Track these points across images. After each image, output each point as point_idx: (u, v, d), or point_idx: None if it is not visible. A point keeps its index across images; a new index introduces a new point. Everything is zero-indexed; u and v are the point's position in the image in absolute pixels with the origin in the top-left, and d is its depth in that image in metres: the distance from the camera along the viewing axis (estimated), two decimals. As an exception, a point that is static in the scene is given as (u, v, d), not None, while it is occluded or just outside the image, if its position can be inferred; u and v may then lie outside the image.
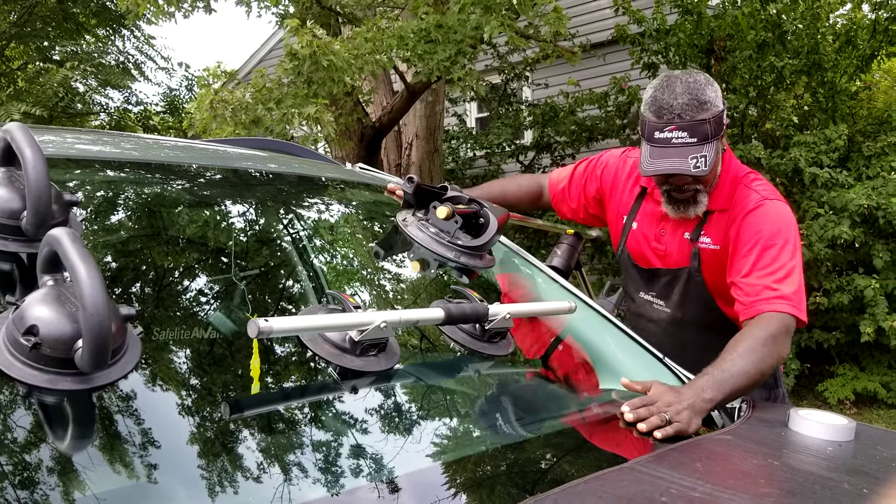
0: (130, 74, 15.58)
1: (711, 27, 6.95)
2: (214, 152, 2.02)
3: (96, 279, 0.93)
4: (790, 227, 2.01)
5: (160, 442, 1.01)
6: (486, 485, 1.12)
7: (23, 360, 0.96)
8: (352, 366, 1.21)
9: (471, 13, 5.31)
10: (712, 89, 1.97)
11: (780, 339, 1.83)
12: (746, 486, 1.10)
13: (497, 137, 9.13)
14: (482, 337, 1.46)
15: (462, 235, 1.78)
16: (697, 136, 1.93)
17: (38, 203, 1.12)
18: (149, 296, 1.30)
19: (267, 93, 4.95)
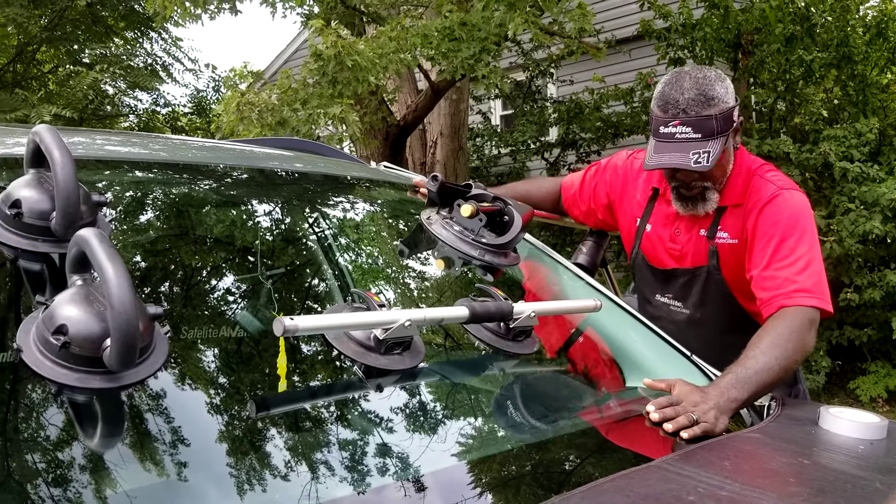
0: (158, 76, 15.75)
1: (739, 21, 6.87)
2: (240, 152, 2.04)
3: (124, 279, 0.94)
4: (807, 216, 1.99)
5: (188, 440, 1.02)
6: (512, 484, 1.12)
7: (53, 358, 0.97)
8: (376, 364, 1.22)
9: (495, 10, 5.29)
10: (722, 85, 1.94)
11: (804, 333, 1.81)
12: (775, 484, 1.08)
13: (522, 135, 9.10)
14: (507, 335, 1.45)
15: (486, 233, 1.77)
16: (702, 131, 1.91)
17: (67, 204, 1.13)
18: (176, 295, 1.31)
19: (293, 94, 4.98)
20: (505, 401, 1.40)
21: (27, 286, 1.16)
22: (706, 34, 6.93)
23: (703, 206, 2.05)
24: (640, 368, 1.83)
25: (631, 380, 1.76)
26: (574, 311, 1.72)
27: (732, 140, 2.01)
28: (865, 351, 6.85)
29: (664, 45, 7.43)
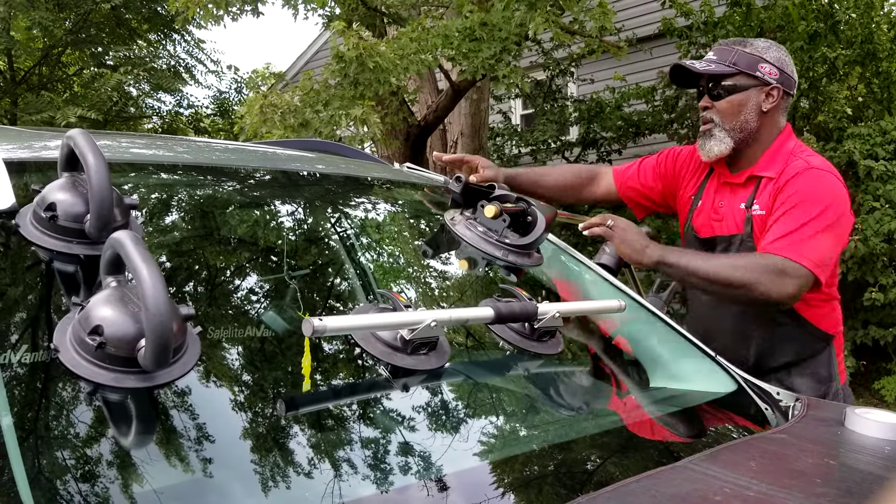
0: (181, 78, 15.88)
1: (761, 18, 6.83)
2: (263, 154, 2.06)
3: (158, 280, 0.96)
4: (830, 196, 2.00)
5: (218, 437, 1.04)
6: (536, 484, 1.13)
7: (89, 359, 0.99)
8: (403, 364, 1.23)
9: (515, 10, 5.30)
10: (767, 45, 2.12)
11: (763, 273, 1.90)
12: (802, 485, 1.09)
13: (542, 134, 9.09)
14: (531, 336, 1.46)
15: (510, 234, 1.78)
16: (719, 55, 2.12)
17: (101, 207, 1.16)
18: (204, 295, 1.33)
19: (314, 95, 5.01)
20: (529, 401, 1.41)
21: (62, 287, 1.19)
22: (728, 32, 6.88)
23: (711, 144, 2.14)
24: (663, 368, 1.83)
25: (655, 380, 1.76)
26: (598, 312, 1.73)
27: (761, 98, 2.09)
28: (890, 351, 6.78)
29: (686, 44, 7.39)
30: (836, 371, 2.18)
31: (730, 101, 2.09)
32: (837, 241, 2.00)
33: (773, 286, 1.90)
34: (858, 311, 6.56)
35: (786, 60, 2.11)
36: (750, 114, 2.09)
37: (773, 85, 2.07)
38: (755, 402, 1.71)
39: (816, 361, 2.15)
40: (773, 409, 1.70)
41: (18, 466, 0.87)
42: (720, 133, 2.12)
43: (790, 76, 2.11)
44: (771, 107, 2.09)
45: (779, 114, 2.13)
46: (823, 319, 2.14)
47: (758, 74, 2.06)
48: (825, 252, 1.96)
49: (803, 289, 1.94)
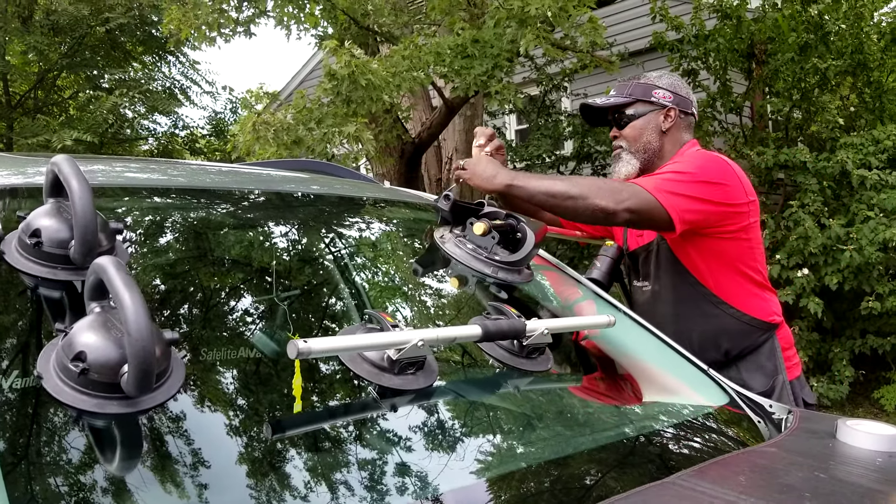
0: (177, 99, 15.95)
1: (751, 31, 6.87)
2: (254, 176, 2.06)
3: (140, 306, 0.96)
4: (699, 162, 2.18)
5: (204, 463, 1.03)
6: (526, 502, 1.12)
7: (72, 385, 0.99)
8: (390, 384, 1.23)
9: (507, 27, 5.32)
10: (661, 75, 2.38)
11: (601, 185, 2.05)
12: (791, 500, 1.08)
13: (537, 149, 9.11)
14: (520, 353, 1.46)
15: (499, 251, 1.78)
16: (618, 90, 2.38)
17: (85, 232, 1.16)
18: (192, 319, 1.33)
19: (307, 113, 5.03)
20: (519, 418, 1.40)
21: (47, 314, 1.19)
22: (719, 45, 6.93)
23: (619, 166, 2.35)
24: (655, 382, 1.83)
25: (647, 394, 1.76)
26: (588, 328, 1.72)
27: (659, 120, 2.32)
28: (889, 360, 6.77)
29: (677, 57, 7.43)
30: (780, 363, 2.23)
31: (632, 126, 2.33)
32: (700, 195, 2.09)
33: (611, 198, 2.02)
34: (856, 321, 6.57)
35: (678, 84, 2.36)
36: (651, 135, 2.32)
37: (669, 107, 2.31)
38: (747, 414, 1.71)
39: (759, 354, 2.23)
40: (765, 421, 1.70)
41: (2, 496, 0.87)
42: (626, 156, 2.34)
43: (685, 97, 2.35)
44: (670, 126, 2.32)
45: (680, 131, 2.34)
46: (759, 308, 2.23)
47: (653, 99, 2.32)
48: (678, 194, 2.06)
49: (644, 212, 2.04)
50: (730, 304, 2.22)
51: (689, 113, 2.36)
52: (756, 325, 2.23)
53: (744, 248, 2.21)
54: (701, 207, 2.09)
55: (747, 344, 2.23)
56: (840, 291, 6.20)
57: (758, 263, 2.25)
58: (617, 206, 2.01)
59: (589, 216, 2.07)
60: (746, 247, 2.21)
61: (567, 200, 2.03)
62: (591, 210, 2.02)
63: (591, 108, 2.41)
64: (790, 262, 6.12)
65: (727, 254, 2.19)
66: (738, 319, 2.22)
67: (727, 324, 2.22)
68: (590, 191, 2.01)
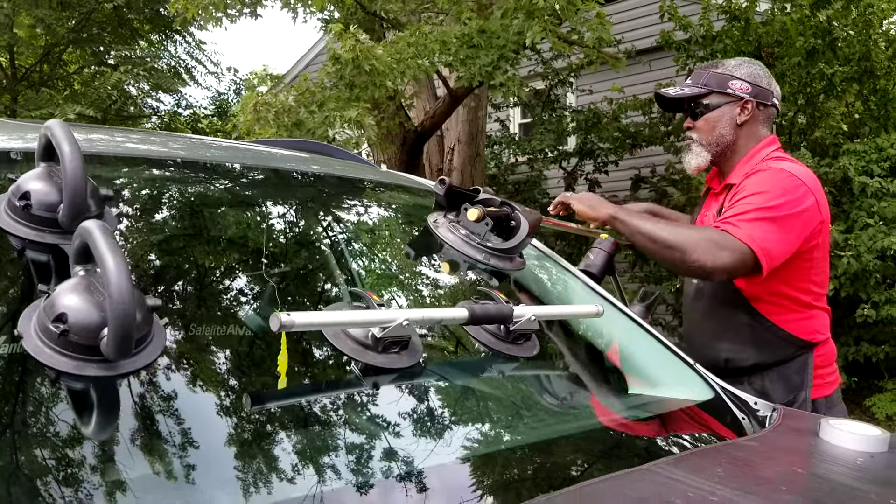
0: (181, 79, 15.92)
1: (759, 33, 6.85)
2: (252, 152, 2.06)
3: (123, 270, 0.96)
4: (783, 190, 2.06)
5: (180, 431, 1.03)
6: (500, 483, 1.12)
7: (51, 346, 0.99)
8: (374, 362, 1.22)
9: (514, 18, 5.31)
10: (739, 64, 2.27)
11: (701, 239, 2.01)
12: (767, 492, 1.08)
13: (540, 143, 9.10)
14: (507, 338, 1.46)
15: (492, 237, 1.78)
16: (692, 79, 2.30)
17: (74, 196, 1.15)
18: (179, 289, 1.33)
19: (310, 96, 5.02)
20: (499, 402, 1.41)
21: (34, 276, 1.19)
22: (726, 46, 6.90)
23: (689, 158, 2.30)
24: (641, 375, 1.83)
25: (632, 386, 1.76)
26: (575, 316, 1.72)
27: (735, 112, 2.23)
28: (882, 368, 6.78)
29: (684, 57, 7.41)
30: (808, 380, 2.18)
31: (706, 118, 2.25)
32: (788, 233, 2.03)
33: (708, 254, 1.98)
34: (851, 328, 6.57)
35: (758, 74, 2.24)
36: (725, 128, 2.24)
37: (746, 99, 2.21)
38: (731, 410, 1.71)
39: (788, 367, 2.17)
40: (749, 418, 1.70)
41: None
42: (697, 147, 2.28)
43: (764, 88, 2.23)
44: (746, 119, 2.23)
45: (757, 125, 2.25)
46: (799, 326, 2.17)
47: (729, 91, 2.22)
48: (769, 237, 2.00)
49: (740, 265, 2.00)
50: (767, 318, 2.17)
51: (769, 105, 2.25)
52: (791, 342, 2.17)
53: (799, 269, 2.13)
54: (788, 247, 2.04)
55: (779, 357, 2.18)
56: (836, 298, 6.20)
57: (810, 283, 2.16)
58: (715, 265, 1.97)
59: (686, 271, 2.08)
60: (805, 267, 2.14)
61: (666, 250, 2.04)
62: (688, 266, 2.01)
63: (661, 98, 2.36)
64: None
65: (777, 274, 2.09)
66: (773, 334, 2.17)
67: (761, 336, 2.18)
68: (689, 244, 1.99)
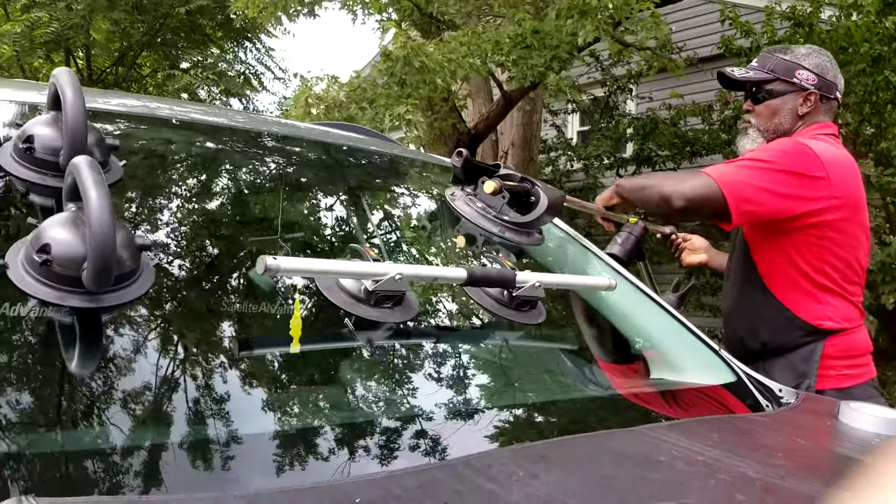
0: (250, 84, 16.25)
1: (822, 38, 6.64)
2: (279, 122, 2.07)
3: (104, 202, 0.97)
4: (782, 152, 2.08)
5: (156, 367, 1.03)
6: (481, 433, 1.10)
7: (35, 276, 1.00)
8: (366, 315, 1.21)
9: (568, 18, 5.27)
10: (809, 52, 2.24)
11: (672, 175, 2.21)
12: (760, 456, 1.03)
13: (596, 149, 9.00)
14: (510, 304, 1.42)
15: (509, 211, 1.75)
16: (760, 61, 2.26)
17: (74, 139, 1.17)
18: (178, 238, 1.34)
19: (361, 92, 5.06)
20: (494, 363, 1.38)
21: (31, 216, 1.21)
22: (789, 52, 6.71)
23: (744, 141, 2.29)
24: (661, 356, 1.77)
25: (654, 369, 1.71)
26: (585, 287, 1.68)
27: (798, 102, 2.21)
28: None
29: (745, 63, 7.24)
30: (814, 369, 2.10)
31: (767, 105, 2.23)
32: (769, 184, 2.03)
33: (671, 185, 2.06)
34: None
35: (826, 66, 2.22)
36: (785, 117, 2.22)
37: (811, 90, 2.19)
38: (753, 395, 1.64)
39: (796, 354, 2.12)
40: (773, 404, 1.63)
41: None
42: (754, 133, 2.26)
43: (830, 82, 2.21)
44: (807, 111, 2.21)
45: (818, 116, 2.22)
46: (807, 309, 2.12)
47: (794, 80, 2.19)
48: (744, 182, 2.03)
49: (700, 198, 2.03)
50: (775, 296, 2.15)
51: (832, 98, 2.23)
52: (798, 325, 2.12)
53: (811, 245, 2.09)
54: (766, 199, 2.02)
55: (784, 341, 2.14)
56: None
57: (826, 265, 2.11)
58: (673, 191, 2.02)
59: (654, 205, 2.12)
60: (816, 244, 2.09)
61: (643, 191, 2.12)
62: (655, 198, 2.08)
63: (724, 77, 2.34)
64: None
65: (790, 248, 2.10)
66: (779, 313, 2.14)
67: (768, 315, 2.16)
68: (660, 180, 2.09)
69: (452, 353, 1.35)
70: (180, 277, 1.22)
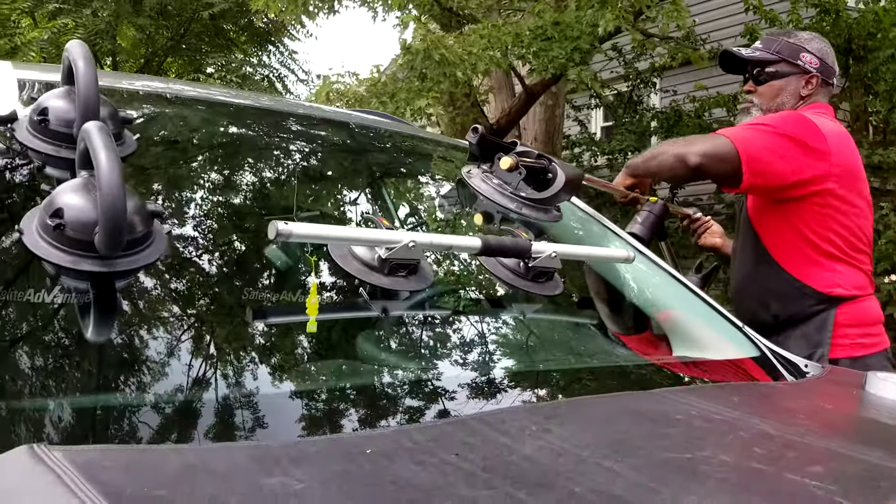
0: (274, 87, 16.35)
1: (849, 23, 6.55)
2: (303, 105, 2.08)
3: (114, 165, 0.97)
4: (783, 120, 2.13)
5: (172, 335, 1.03)
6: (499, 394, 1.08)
7: (48, 240, 1.01)
8: (379, 283, 1.20)
9: (588, 8, 5.23)
10: (811, 37, 2.30)
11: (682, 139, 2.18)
12: (781, 417, 1.01)
13: (619, 143, 8.92)
14: (526, 275, 1.41)
15: (526, 188, 1.73)
16: (765, 44, 2.30)
17: (86, 108, 1.17)
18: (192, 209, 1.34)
19: (381, 87, 5.07)
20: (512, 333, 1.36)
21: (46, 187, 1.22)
22: (815, 39, 6.62)
23: (747, 119, 2.29)
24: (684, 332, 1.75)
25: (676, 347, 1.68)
26: (603, 259, 1.66)
27: (800, 84, 2.24)
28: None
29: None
30: (827, 337, 2.12)
31: (771, 85, 2.26)
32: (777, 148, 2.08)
33: (684, 145, 2.10)
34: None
35: (827, 51, 2.29)
36: (787, 97, 2.25)
37: (813, 73, 2.23)
38: (778, 370, 1.61)
39: (809, 323, 2.13)
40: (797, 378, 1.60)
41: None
42: (756, 111, 2.28)
43: (830, 66, 2.29)
44: (809, 93, 2.25)
45: (817, 98, 2.27)
46: (817, 278, 2.14)
47: (799, 63, 2.24)
48: (754, 142, 2.07)
49: (714, 155, 2.05)
50: (783, 268, 2.17)
51: (830, 83, 2.30)
52: (808, 294, 2.14)
53: (815, 214, 2.13)
54: (774, 160, 2.07)
55: (796, 311, 2.15)
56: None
57: (832, 233, 2.14)
58: (688, 150, 2.06)
59: (668, 169, 2.15)
60: (820, 213, 2.13)
61: (655, 159, 2.15)
62: (670, 161, 2.10)
63: (729, 56, 2.36)
64: (878, 268, 5.81)
65: (795, 217, 2.14)
66: (789, 284, 2.16)
67: (777, 286, 2.18)
68: (670, 145, 2.12)
69: (467, 321, 1.33)
70: (194, 247, 1.22)
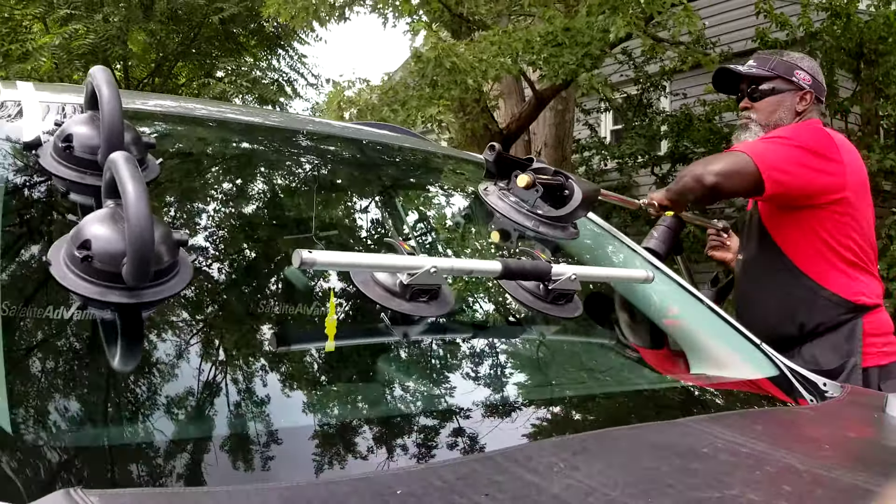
0: (284, 91, 16.38)
1: (860, 28, 6.52)
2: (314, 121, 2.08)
3: (142, 196, 0.97)
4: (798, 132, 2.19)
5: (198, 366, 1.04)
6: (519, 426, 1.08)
7: (76, 272, 1.01)
8: (401, 309, 1.20)
9: (599, 14, 5.23)
10: (803, 59, 2.38)
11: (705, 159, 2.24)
12: (806, 449, 1.01)
13: (630, 147, 8.92)
14: (546, 297, 1.41)
15: (543, 205, 1.74)
16: (759, 62, 2.35)
17: (111, 136, 1.18)
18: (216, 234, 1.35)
19: (393, 94, 5.07)
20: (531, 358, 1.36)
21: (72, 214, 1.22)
22: (826, 43, 6.61)
23: (746, 135, 2.33)
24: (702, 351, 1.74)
25: (692, 360, 1.68)
26: (622, 280, 1.66)
27: (795, 100, 2.30)
28: None
29: (781, 55, 7.13)
30: (858, 346, 2.13)
31: (768, 101, 2.31)
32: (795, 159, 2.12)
33: (703, 164, 2.17)
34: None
35: (817, 70, 2.37)
36: (784, 113, 2.31)
37: (807, 90, 2.30)
38: (797, 389, 1.61)
39: (838, 333, 2.14)
40: (817, 399, 1.59)
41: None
42: (755, 127, 2.33)
43: (820, 84, 2.36)
44: (804, 109, 2.31)
45: (812, 115, 2.33)
46: (843, 286, 2.16)
47: (794, 79, 2.30)
48: (771, 154, 2.11)
49: (733, 170, 2.11)
50: (809, 277, 2.19)
51: (821, 101, 2.38)
52: (836, 302, 2.17)
53: (836, 222, 2.17)
54: (794, 170, 2.11)
55: (824, 320, 2.17)
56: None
57: (852, 241, 2.19)
58: (704, 170, 2.11)
59: (689, 190, 2.18)
60: (840, 221, 2.17)
61: (680, 181, 2.19)
62: (690, 183, 2.15)
63: (723, 73, 2.41)
64: (890, 273, 5.79)
65: (816, 225, 2.17)
66: (816, 293, 2.18)
67: (804, 297, 2.19)
68: (691, 167, 2.16)
69: (489, 347, 1.34)
70: (218, 274, 1.23)
